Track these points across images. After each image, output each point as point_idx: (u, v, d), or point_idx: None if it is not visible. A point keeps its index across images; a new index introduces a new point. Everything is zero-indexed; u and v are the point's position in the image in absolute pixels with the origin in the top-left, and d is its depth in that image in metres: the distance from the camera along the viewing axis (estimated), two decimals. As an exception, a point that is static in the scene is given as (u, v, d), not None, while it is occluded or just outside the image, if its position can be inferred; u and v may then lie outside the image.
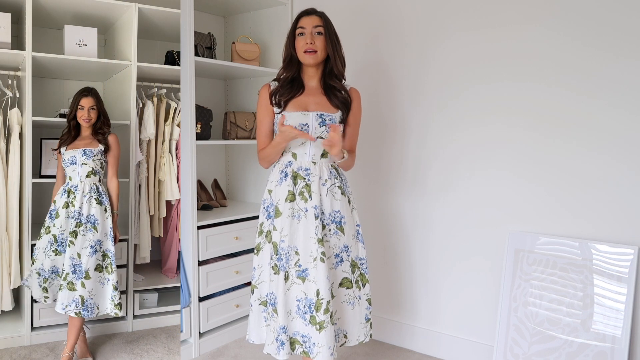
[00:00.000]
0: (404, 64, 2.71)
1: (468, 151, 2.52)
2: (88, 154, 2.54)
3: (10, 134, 2.73)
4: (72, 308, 2.43)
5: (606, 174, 2.16)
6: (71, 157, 2.53)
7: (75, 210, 2.50)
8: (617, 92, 2.12)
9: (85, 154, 2.53)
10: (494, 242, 2.46)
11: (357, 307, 2.10)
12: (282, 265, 2.01)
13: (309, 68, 2.09)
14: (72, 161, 2.53)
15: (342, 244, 2.06)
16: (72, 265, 2.46)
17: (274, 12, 3.14)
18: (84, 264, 2.47)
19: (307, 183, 2.02)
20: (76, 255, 2.47)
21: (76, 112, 2.55)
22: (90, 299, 2.47)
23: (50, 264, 2.51)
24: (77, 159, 2.53)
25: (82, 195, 2.51)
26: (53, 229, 2.51)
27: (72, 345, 2.50)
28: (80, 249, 2.48)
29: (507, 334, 2.32)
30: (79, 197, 2.51)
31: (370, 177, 2.87)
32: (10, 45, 2.67)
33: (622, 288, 2.09)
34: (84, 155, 2.53)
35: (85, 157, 2.53)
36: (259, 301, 2.13)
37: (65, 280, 2.44)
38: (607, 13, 2.12)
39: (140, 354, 2.73)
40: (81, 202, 2.51)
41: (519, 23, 2.33)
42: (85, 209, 2.51)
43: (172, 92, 3.23)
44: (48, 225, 2.52)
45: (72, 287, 2.44)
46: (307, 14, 2.07)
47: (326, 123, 2.03)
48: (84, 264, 2.47)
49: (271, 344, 2.03)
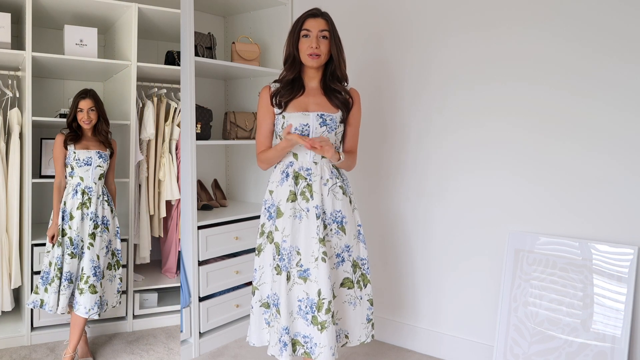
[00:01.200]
0: (404, 64, 2.71)
1: (468, 151, 2.52)
2: (104, 157, 2.58)
3: (10, 134, 2.73)
4: (95, 311, 2.46)
5: (606, 173, 2.16)
6: (87, 158, 2.54)
7: (92, 212, 2.53)
8: (617, 92, 2.12)
9: (101, 156, 2.57)
10: (494, 242, 2.46)
11: (358, 307, 2.10)
12: (284, 266, 2.00)
13: (311, 69, 2.09)
14: (87, 162, 2.54)
15: (344, 243, 2.06)
16: (93, 268, 2.48)
17: (274, 12, 3.14)
18: (102, 265, 2.53)
19: (309, 183, 2.02)
20: (96, 257, 2.50)
21: (76, 115, 2.55)
22: (103, 296, 2.55)
23: (67, 268, 2.48)
24: (93, 161, 2.55)
25: (96, 198, 2.55)
26: (69, 232, 2.50)
27: (75, 345, 2.50)
28: (99, 250, 2.52)
29: (507, 334, 2.32)
30: (94, 199, 2.54)
31: (371, 177, 2.87)
32: (10, 45, 2.67)
33: (622, 288, 2.09)
34: (100, 158, 2.57)
35: (101, 160, 2.57)
36: (259, 303, 2.13)
37: (86, 283, 2.46)
38: (606, 15, 2.12)
39: (140, 354, 2.73)
40: (96, 205, 2.55)
41: (520, 24, 2.33)
42: (100, 211, 2.56)
43: (172, 92, 3.23)
44: (63, 228, 2.51)
45: (93, 290, 2.46)
46: (313, 16, 2.05)
47: (327, 123, 2.03)
48: (102, 265, 2.53)
49: (274, 345, 2.03)
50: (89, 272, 2.47)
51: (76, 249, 2.50)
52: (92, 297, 2.46)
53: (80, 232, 2.51)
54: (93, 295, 2.46)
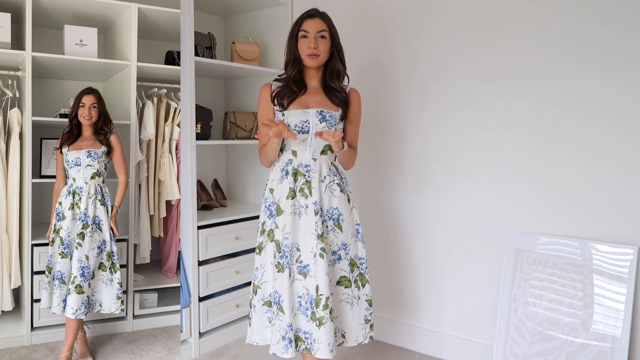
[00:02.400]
0: (405, 64, 2.71)
1: (468, 151, 2.52)
2: (93, 156, 2.54)
3: (10, 134, 2.73)
4: (82, 311, 2.45)
5: (606, 174, 2.16)
6: (75, 159, 2.53)
7: (81, 212, 2.51)
8: (617, 92, 2.12)
9: (90, 155, 2.54)
10: (494, 242, 2.46)
11: (355, 307, 2.10)
12: (286, 263, 2.01)
13: (311, 69, 2.11)
14: (76, 162, 2.53)
15: (340, 241, 2.06)
16: (80, 268, 2.46)
17: (274, 12, 3.14)
18: (91, 265, 2.50)
19: (307, 179, 2.03)
20: (84, 258, 2.48)
21: (78, 110, 2.55)
22: (92, 296, 2.53)
23: (59, 267, 2.51)
24: (82, 161, 2.53)
25: (87, 197, 2.52)
26: (61, 232, 2.51)
27: (71, 345, 2.50)
28: (88, 251, 2.50)
29: (507, 334, 2.32)
30: (85, 198, 2.52)
31: (371, 176, 2.87)
32: (10, 45, 2.67)
33: (622, 288, 2.09)
34: (89, 157, 2.54)
35: (90, 159, 2.54)
36: (262, 301, 2.12)
37: (73, 284, 2.45)
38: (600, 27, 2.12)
39: (140, 354, 2.73)
40: (87, 204, 2.52)
41: (520, 23, 2.33)
42: (91, 211, 2.52)
43: (172, 92, 3.23)
44: (57, 229, 2.53)
45: (80, 290, 2.45)
46: (311, 16, 2.06)
47: (326, 119, 2.04)
48: (91, 265, 2.50)
49: (277, 344, 2.02)
50: (76, 272, 2.45)
51: (67, 249, 2.50)
52: (79, 298, 2.44)
53: (70, 233, 2.51)
54: (79, 295, 2.44)
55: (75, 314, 2.43)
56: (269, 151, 2.07)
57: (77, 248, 2.47)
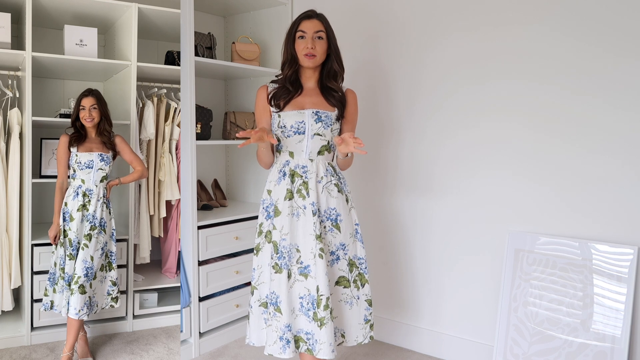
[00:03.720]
0: (401, 63, 2.71)
1: (467, 151, 2.52)
2: (105, 160, 2.60)
3: (10, 134, 2.73)
4: (84, 312, 2.46)
5: (606, 173, 2.16)
6: (88, 161, 2.56)
7: (90, 213, 2.55)
8: (617, 92, 2.12)
9: (103, 159, 2.59)
10: (494, 241, 2.46)
11: (355, 307, 2.10)
12: (285, 264, 2.01)
13: (308, 70, 2.12)
14: (88, 165, 2.56)
15: (338, 241, 2.07)
16: (85, 269, 2.48)
17: (274, 12, 3.14)
18: (95, 266, 2.53)
19: (305, 180, 2.04)
20: (89, 259, 2.51)
21: (78, 113, 2.56)
22: (93, 297, 2.55)
23: (67, 269, 2.51)
24: (95, 164, 2.57)
25: (96, 200, 2.56)
26: (69, 233, 2.52)
27: (72, 345, 2.50)
28: (93, 252, 2.52)
29: (507, 334, 2.32)
30: (94, 201, 2.56)
31: (369, 176, 2.87)
32: (10, 45, 2.67)
33: (622, 288, 2.09)
34: (102, 161, 2.58)
35: (103, 163, 2.59)
36: (258, 302, 2.13)
37: (76, 284, 2.46)
38: (607, 13, 2.12)
39: (140, 354, 2.73)
40: (95, 206, 2.56)
41: (518, 22, 2.33)
42: (98, 213, 2.57)
43: (172, 92, 3.23)
44: (65, 230, 2.53)
45: (82, 291, 2.47)
46: (308, 17, 2.08)
47: (322, 119, 2.05)
48: (95, 266, 2.53)
49: (273, 344, 2.03)
50: (80, 273, 2.47)
51: (74, 251, 2.51)
52: (81, 298, 2.45)
53: (79, 234, 2.52)
54: (82, 295, 2.46)
55: (78, 314, 2.45)
56: (260, 155, 2.12)
57: (83, 249, 2.50)
